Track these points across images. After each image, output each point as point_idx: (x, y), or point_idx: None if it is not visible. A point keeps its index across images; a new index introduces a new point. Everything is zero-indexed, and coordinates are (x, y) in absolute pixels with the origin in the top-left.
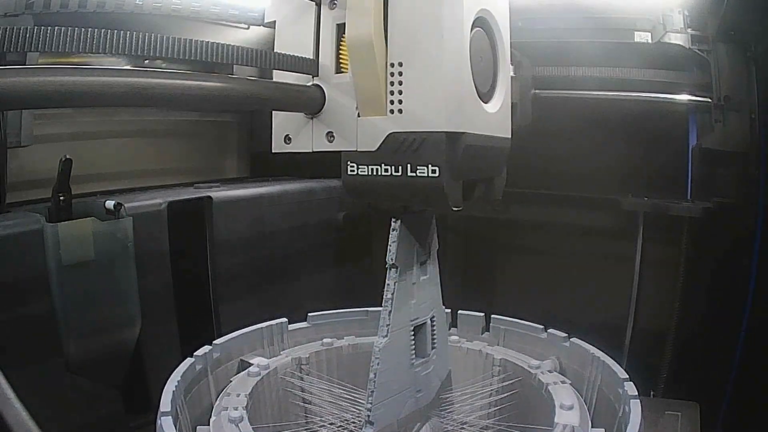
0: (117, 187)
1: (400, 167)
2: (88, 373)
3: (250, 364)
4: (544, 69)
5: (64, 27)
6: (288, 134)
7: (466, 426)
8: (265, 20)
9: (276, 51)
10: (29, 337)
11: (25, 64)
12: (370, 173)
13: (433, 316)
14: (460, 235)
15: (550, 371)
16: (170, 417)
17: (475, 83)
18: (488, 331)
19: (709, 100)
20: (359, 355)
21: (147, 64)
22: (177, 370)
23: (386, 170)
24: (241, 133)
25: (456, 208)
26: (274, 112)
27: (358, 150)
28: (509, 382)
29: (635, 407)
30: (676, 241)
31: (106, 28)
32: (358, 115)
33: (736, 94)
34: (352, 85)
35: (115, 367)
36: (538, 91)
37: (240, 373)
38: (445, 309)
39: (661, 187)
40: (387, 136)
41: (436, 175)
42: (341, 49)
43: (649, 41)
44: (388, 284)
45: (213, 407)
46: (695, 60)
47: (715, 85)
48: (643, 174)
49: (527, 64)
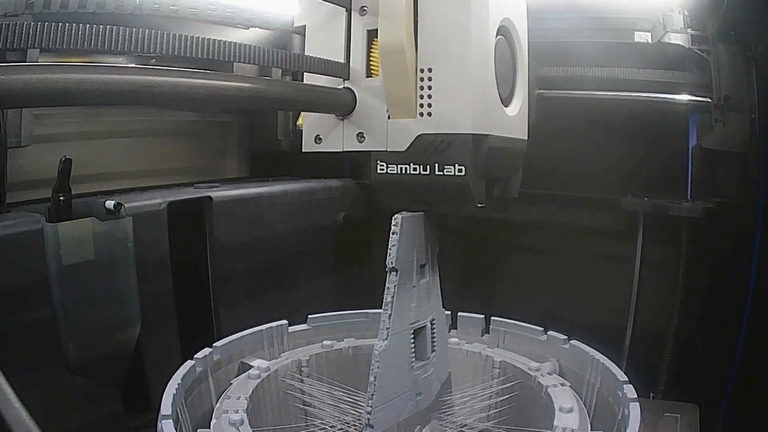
0: (117, 187)
1: (428, 166)
2: (88, 373)
3: (251, 367)
4: (544, 69)
5: (74, 23)
6: (319, 134)
7: (465, 428)
8: (295, 24)
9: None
10: (29, 337)
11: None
12: (399, 172)
13: (433, 319)
14: (460, 235)
15: (549, 373)
16: (171, 420)
17: (498, 87)
18: (488, 333)
19: (709, 100)
20: (359, 358)
21: (153, 64)
22: (177, 373)
23: (414, 169)
24: (241, 133)
25: (480, 205)
26: (305, 113)
27: (388, 150)
28: (509, 385)
29: (634, 410)
30: (676, 241)
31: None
32: (389, 117)
33: (736, 94)
34: (382, 89)
35: (115, 366)
36: (539, 91)
37: (240, 375)
38: (445, 311)
39: (661, 187)
40: (416, 138)
41: (462, 173)
42: (372, 54)
43: (649, 41)
44: (388, 288)
45: (213, 410)
46: (695, 60)
47: (715, 85)
48: (643, 174)
49: (532, 65)
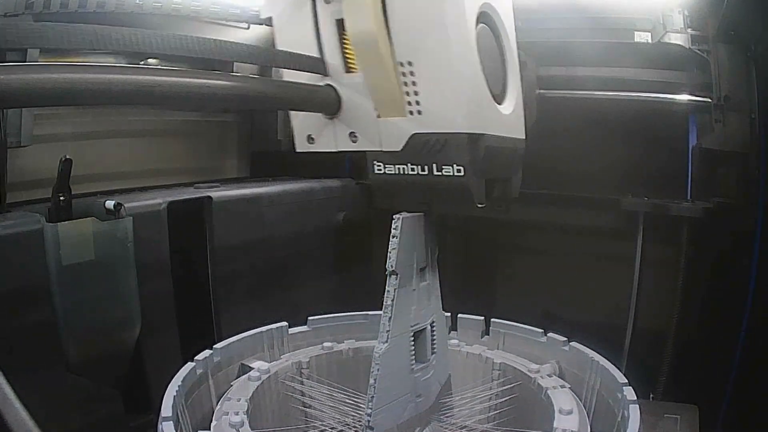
0: (117, 187)
1: (426, 167)
2: (88, 373)
3: (251, 368)
4: (543, 69)
5: (73, 24)
6: (310, 134)
7: (465, 430)
8: (261, 16)
9: (277, 48)
10: (29, 337)
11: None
12: (397, 172)
13: (433, 322)
14: (460, 235)
15: (549, 375)
16: (171, 422)
17: (487, 84)
18: (488, 335)
19: (709, 100)
20: (360, 359)
21: (144, 64)
22: (178, 375)
23: (413, 169)
24: (241, 133)
25: (480, 205)
26: (293, 113)
27: (383, 150)
28: (509, 386)
29: (634, 412)
30: (676, 241)
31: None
32: (378, 116)
33: (736, 94)
34: (365, 86)
35: (115, 367)
36: (539, 91)
37: (240, 377)
38: (445, 313)
39: (661, 187)
40: (411, 137)
41: (462, 174)
42: (346, 48)
43: (649, 41)
44: (388, 291)
45: (214, 412)
46: (695, 60)
47: (715, 85)
48: (643, 174)
49: (532, 64)
